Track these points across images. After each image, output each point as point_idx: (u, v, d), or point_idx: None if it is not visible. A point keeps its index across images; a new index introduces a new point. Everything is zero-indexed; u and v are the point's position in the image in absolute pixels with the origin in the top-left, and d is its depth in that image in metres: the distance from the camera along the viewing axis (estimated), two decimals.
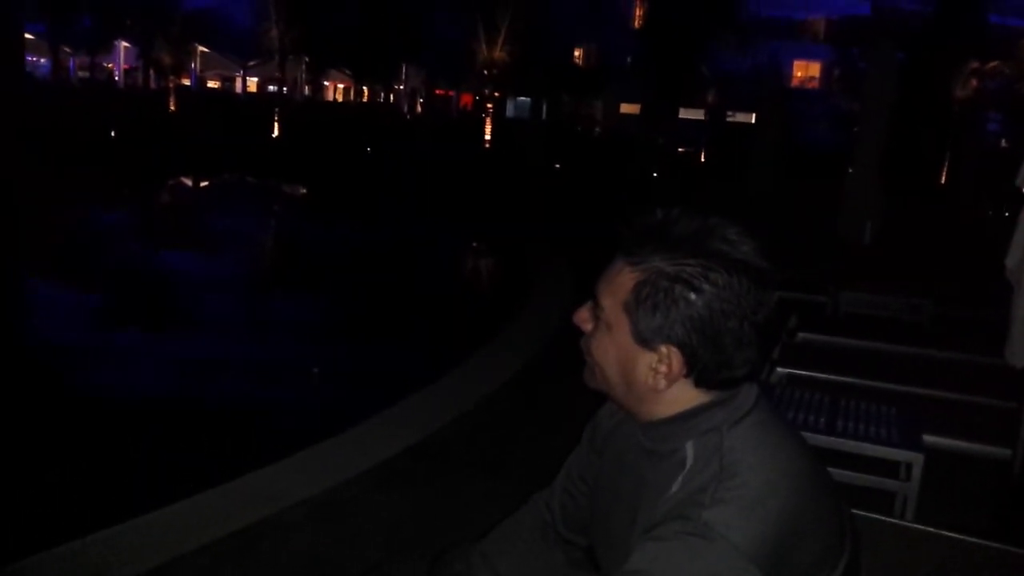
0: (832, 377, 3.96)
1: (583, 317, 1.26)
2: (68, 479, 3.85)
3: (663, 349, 1.16)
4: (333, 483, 3.50)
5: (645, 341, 1.17)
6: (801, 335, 4.80)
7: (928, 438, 3.07)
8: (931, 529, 2.00)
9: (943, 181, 23.85)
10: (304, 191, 20.08)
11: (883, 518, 2.05)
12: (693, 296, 1.13)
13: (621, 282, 1.18)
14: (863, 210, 8.50)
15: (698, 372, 1.17)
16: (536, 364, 5.55)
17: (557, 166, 22.98)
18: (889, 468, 3.04)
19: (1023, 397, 3.15)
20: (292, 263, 11.12)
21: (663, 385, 1.18)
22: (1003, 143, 29.94)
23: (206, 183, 20.09)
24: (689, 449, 1.18)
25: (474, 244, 12.88)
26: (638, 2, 40.95)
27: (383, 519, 3.30)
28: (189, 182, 19.98)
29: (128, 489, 3.71)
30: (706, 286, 1.12)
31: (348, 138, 25.47)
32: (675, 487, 1.16)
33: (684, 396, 1.20)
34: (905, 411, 3.24)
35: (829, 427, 3.04)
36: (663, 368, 1.17)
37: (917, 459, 2.83)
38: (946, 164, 24.15)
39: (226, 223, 14.24)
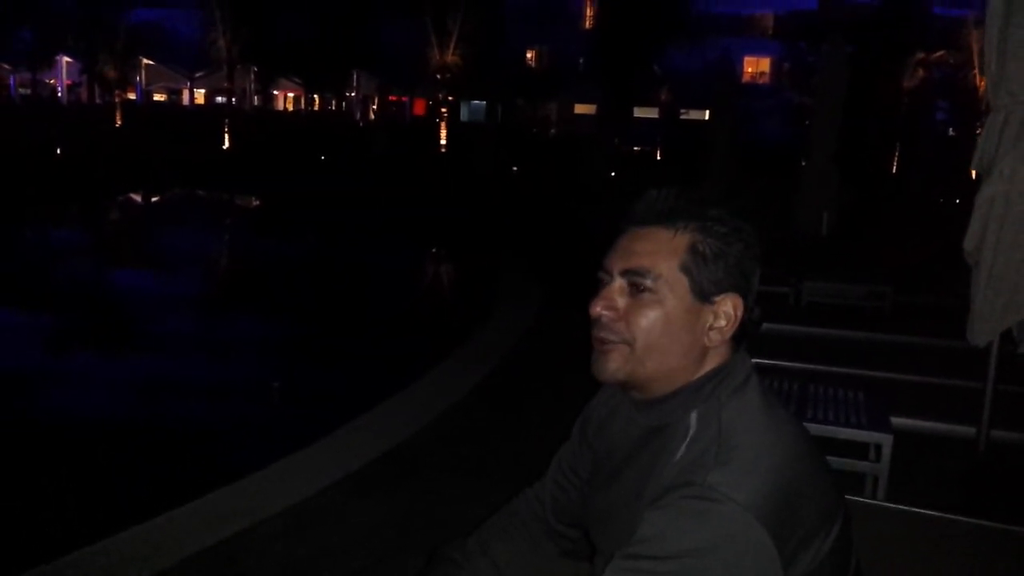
0: (799, 365, 4.03)
1: (610, 301, 1.28)
2: (38, 501, 3.77)
3: (722, 299, 1.25)
4: (310, 492, 3.47)
5: (707, 295, 1.25)
6: (765, 326, 4.87)
7: (896, 420, 3.14)
8: (902, 507, 2.04)
9: (895, 170, 24.33)
10: (256, 203, 19.85)
11: (855, 498, 2.08)
12: (739, 246, 1.26)
13: (675, 246, 1.26)
14: (819, 202, 8.65)
15: (743, 319, 1.27)
16: (505, 368, 5.56)
17: (514, 169, 22.99)
18: (859, 452, 3.10)
19: (985, 376, 3.22)
20: (246, 277, 10.97)
21: (717, 340, 1.26)
22: (951, 131, 30.63)
23: (156, 198, 19.77)
24: (693, 417, 1.24)
25: (433, 250, 12.83)
26: (588, 2, 41.22)
27: (362, 526, 3.28)
28: (138, 198, 19.63)
29: (99, 509, 3.64)
30: (741, 239, 1.26)
31: (300, 147, 25.27)
32: (679, 454, 1.21)
33: (718, 354, 1.28)
34: (872, 395, 3.30)
35: (799, 414, 3.09)
36: (722, 320, 1.26)
37: (886, 440, 2.89)
38: (897, 153, 24.64)
39: (178, 239, 14.01)
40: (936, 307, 5.59)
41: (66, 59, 42.53)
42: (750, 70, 44.33)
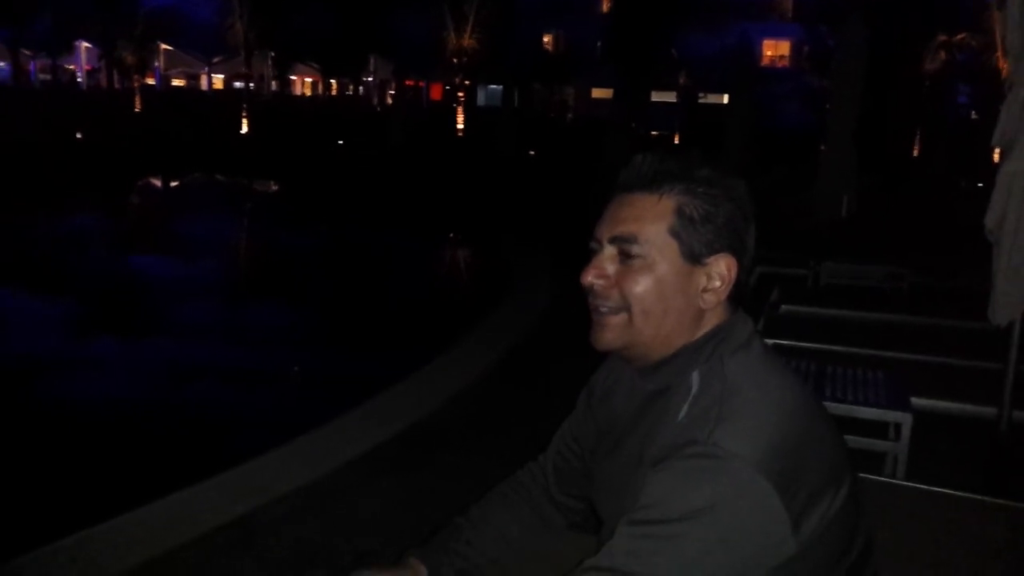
0: (817, 346, 3.98)
1: (600, 270, 1.28)
2: (56, 480, 3.81)
3: (714, 260, 1.24)
4: (324, 472, 3.48)
5: (697, 257, 1.24)
6: (784, 307, 4.83)
7: (915, 400, 3.10)
8: (922, 486, 2.02)
9: (916, 154, 24.04)
10: (276, 187, 19.89)
11: (874, 477, 2.06)
12: (728, 206, 1.24)
13: (660, 210, 1.25)
14: (838, 184, 8.54)
15: (738, 279, 1.26)
16: (521, 349, 5.55)
17: (531, 153, 22.92)
18: (878, 432, 3.07)
19: (1006, 357, 3.17)
20: (267, 261, 11.01)
21: (712, 301, 1.25)
22: (973, 115, 30.21)
23: (175, 182, 19.85)
24: (695, 377, 1.23)
25: (452, 235, 12.83)
26: None
27: (376, 505, 3.28)
28: (158, 182, 19.72)
29: (116, 488, 3.66)
30: (731, 198, 1.25)
31: (317, 132, 25.28)
32: (681, 414, 1.20)
33: (715, 315, 1.27)
34: (892, 374, 3.26)
35: (817, 393, 3.06)
36: (716, 281, 1.25)
37: (906, 419, 2.86)
38: (918, 137, 24.34)
39: (198, 223, 14.07)
40: (956, 289, 5.53)
41: (85, 45, 42.73)
42: (769, 53, 43.87)
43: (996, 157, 3.30)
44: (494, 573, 1.53)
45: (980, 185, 14.22)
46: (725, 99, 27.72)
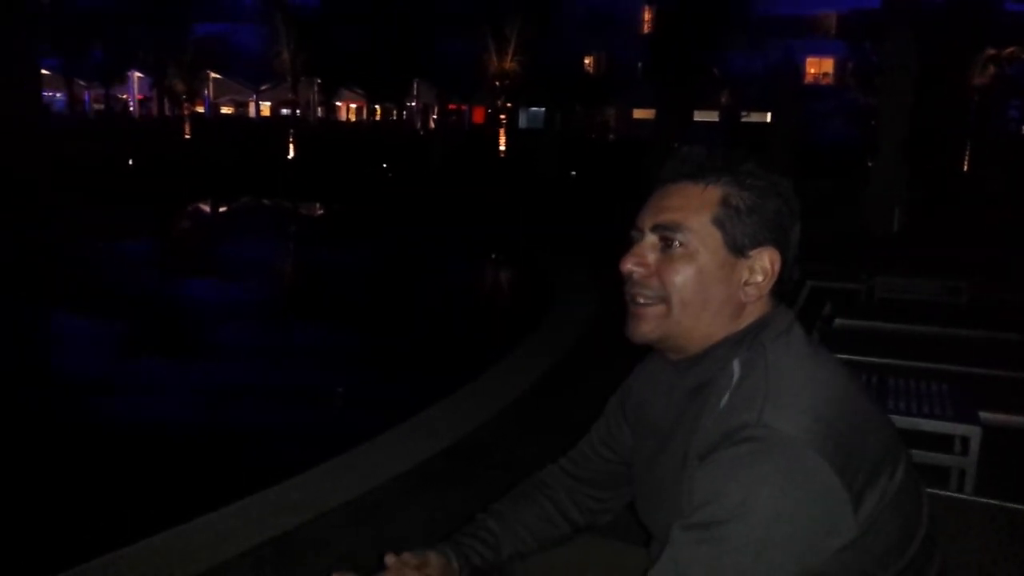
0: (874, 360, 3.85)
1: (641, 258, 1.25)
2: (104, 495, 3.83)
3: (758, 253, 1.22)
4: (370, 486, 3.44)
5: (741, 248, 1.21)
6: (838, 321, 4.70)
7: (982, 414, 2.97)
8: (992, 501, 1.90)
9: (966, 168, 23.59)
10: (320, 210, 20.13)
11: (941, 492, 1.97)
12: (775, 200, 1.22)
13: (705, 200, 1.22)
14: (889, 198, 8.41)
15: (782, 274, 1.23)
16: (565, 366, 5.49)
17: (572, 173, 22.95)
18: (942, 446, 2.95)
19: None
20: (313, 282, 11.08)
21: (753, 295, 1.22)
22: (1023, 130, 29.62)
23: (224, 207, 20.18)
24: (736, 365, 1.19)
25: (494, 255, 12.81)
26: (646, 7, 40.98)
27: (422, 520, 3.24)
28: (207, 206, 20.04)
29: (160, 505, 3.66)
30: (777, 192, 1.23)
31: (361, 157, 25.57)
32: (724, 401, 1.15)
33: (756, 309, 1.24)
34: (957, 387, 3.14)
35: (879, 405, 2.94)
36: (759, 275, 1.22)
37: (974, 432, 2.75)
38: (967, 152, 23.90)
39: (246, 245, 14.25)
40: (1015, 302, 5.36)
41: (137, 74, 43.89)
42: (812, 71, 43.55)
43: None
44: (517, 567, 1.52)
45: None
46: (768, 117, 27.54)
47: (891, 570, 1.12)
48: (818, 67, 43.85)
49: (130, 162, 23.75)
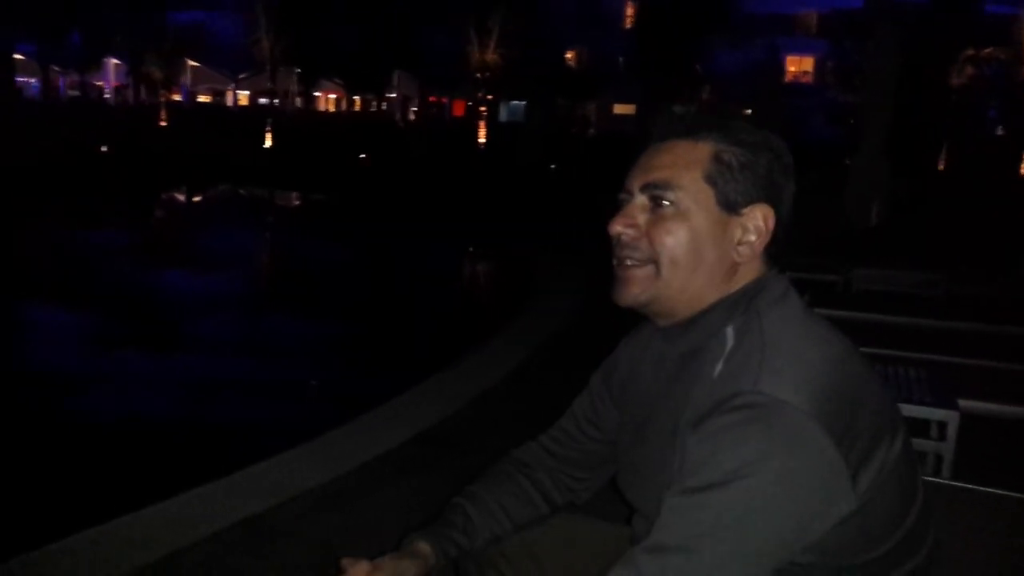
0: None
1: (630, 219, 1.20)
2: (72, 478, 3.75)
3: (751, 211, 1.18)
4: (342, 471, 3.37)
5: (734, 206, 1.17)
6: (816, 311, 4.66)
7: (960, 402, 2.95)
8: (970, 486, 1.92)
9: (942, 168, 23.83)
10: (298, 199, 19.98)
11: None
12: (767, 155, 1.18)
13: (696, 156, 1.18)
14: (869, 193, 8.44)
15: (776, 234, 1.18)
16: (542, 355, 5.44)
17: (552, 167, 22.93)
18: (919, 431, 2.92)
19: None
20: (291, 272, 10.98)
21: (747, 255, 1.17)
22: (999, 130, 29.92)
23: (199, 195, 19.96)
24: (729, 332, 1.14)
25: (472, 248, 12.74)
26: (628, 2, 41.00)
27: (394, 506, 3.17)
28: (182, 195, 19.81)
29: (132, 488, 3.58)
30: (769, 147, 1.19)
31: (340, 146, 25.41)
32: (717, 369, 1.11)
33: (750, 271, 1.19)
34: (935, 374, 3.12)
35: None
36: (752, 233, 1.17)
37: (952, 417, 2.73)
38: (944, 151, 24.12)
39: (222, 236, 14.09)
40: (993, 295, 5.38)
41: (114, 61, 43.34)
42: (793, 69, 43.74)
43: None
44: (495, 552, 1.46)
45: (1009, 200, 14.04)
46: (748, 113, 27.64)
47: (891, 540, 1.09)
48: (798, 65, 44.03)
49: (103, 149, 23.44)
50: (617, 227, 1.20)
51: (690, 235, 1.16)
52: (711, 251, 1.17)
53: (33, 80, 41.80)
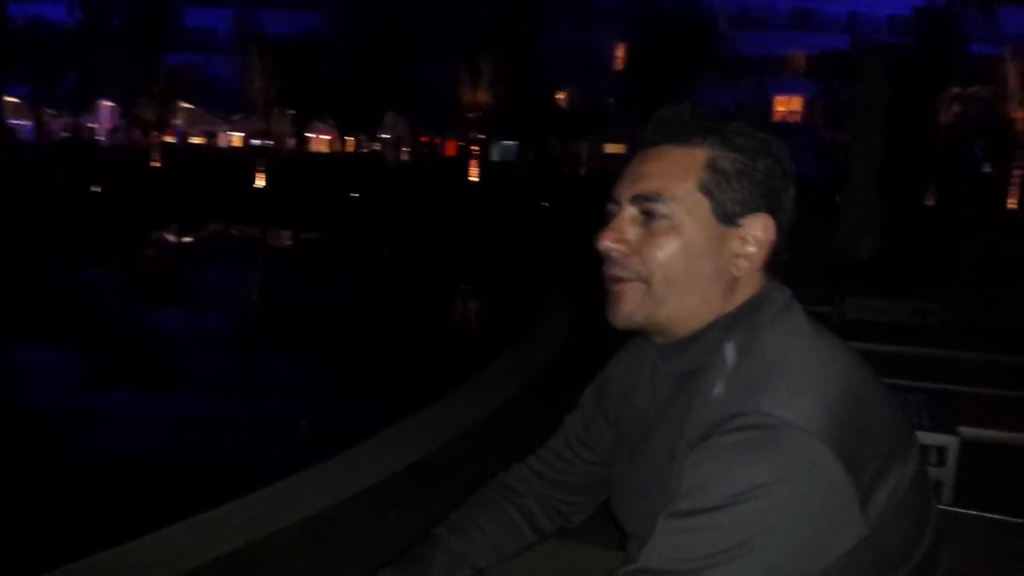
0: None
1: (619, 233, 1.12)
2: (56, 514, 3.69)
3: (749, 221, 1.10)
4: (330, 503, 3.31)
5: (731, 216, 1.10)
6: None
7: (960, 428, 2.92)
8: (971, 511, 1.92)
9: (930, 204, 24.04)
10: (290, 239, 19.98)
11: None
12: (766, 160, 1.11)
13: (690, 163, 1.10)
14: (860, 226, 8.48)
15: (776, 244, 1.11)
16: (533, 387, 5.39)
17: (544, 204, 23.07)
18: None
19: None
20: (282, 305, 10.94)
21: (746, 268, 1.10)
22: (986, 167, 30.27)
23: (190, 235, 19.93)
24: (729, 349, 1.06)
25: (463, 285, 12.70)
26: (619, 44, 41.51)
27: (382, 538, 3.10)
28: (172, 235, 19.75)
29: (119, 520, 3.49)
30: (768, 152, 1.11)
31: (333, 186, 25.51)
32: (717, 389, 1.03)
33: (749, 285, 1.11)
34: (934, 400, 3.10)
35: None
36: (751, 245, 1.09)
37: (952, 442, 2.70)
38: (932, 188, 24.35)
39: (215, 275, 14.03)
40: (986, 324, 5.39)
41: (107, 103, 43.50)
42: (781, 109, 44.23)
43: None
44: None
45: (997, 234, 14.16)
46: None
47: (907, 566, 1.02)
48: (787, 105, 44.55)
49: (92, 188, 23.44)
50: (606, 243, 1.13)
51: (684, 251, 1.09)
52: (708, 266, 1.09)
53: (26, 123, 41.90)
